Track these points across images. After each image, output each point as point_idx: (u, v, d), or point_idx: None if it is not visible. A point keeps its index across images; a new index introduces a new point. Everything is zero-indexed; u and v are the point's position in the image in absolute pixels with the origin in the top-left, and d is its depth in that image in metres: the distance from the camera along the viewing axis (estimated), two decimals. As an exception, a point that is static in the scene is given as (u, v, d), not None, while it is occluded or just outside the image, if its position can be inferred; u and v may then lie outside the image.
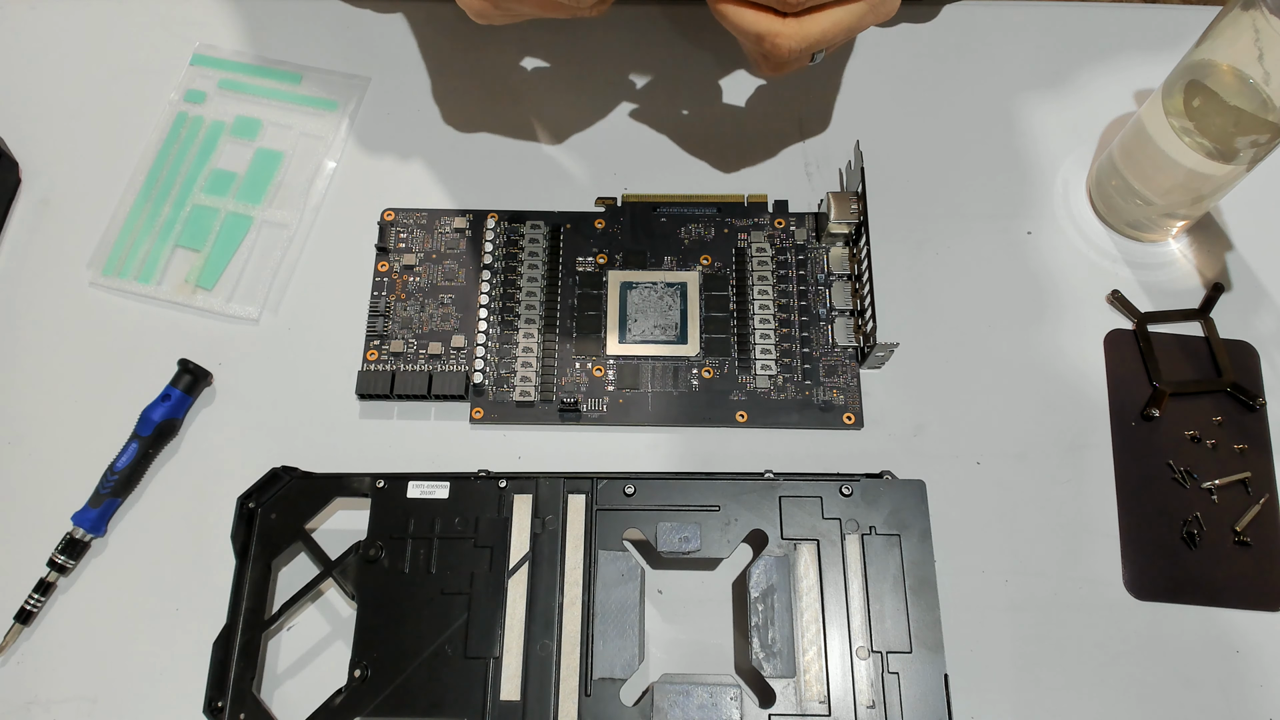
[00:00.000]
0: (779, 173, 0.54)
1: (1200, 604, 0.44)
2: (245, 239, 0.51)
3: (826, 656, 0.41)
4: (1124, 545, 0.45)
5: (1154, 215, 0.50)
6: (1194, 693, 0.43)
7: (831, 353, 0.49)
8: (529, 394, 0.48)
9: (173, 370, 0.47)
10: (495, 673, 0.41)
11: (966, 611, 0.44)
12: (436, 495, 0.44)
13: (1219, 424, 0.47)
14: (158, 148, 0.53)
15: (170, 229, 0.51)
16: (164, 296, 0.50)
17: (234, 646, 0.42)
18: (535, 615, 0.42)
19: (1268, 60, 0.40)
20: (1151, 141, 0.47)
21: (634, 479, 0.44)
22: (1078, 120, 0.55)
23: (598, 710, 0.40)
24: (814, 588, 0.42)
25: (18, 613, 0.43)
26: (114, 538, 0.46)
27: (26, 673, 0.43)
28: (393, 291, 0.50)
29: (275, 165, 0.53)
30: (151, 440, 0.46)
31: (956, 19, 0.57)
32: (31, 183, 0.53)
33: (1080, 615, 0.44)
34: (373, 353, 0.49)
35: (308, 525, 0.44)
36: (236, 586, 0.43)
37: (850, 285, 0.50)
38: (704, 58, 0.56)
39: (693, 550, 0.43)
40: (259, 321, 0.50)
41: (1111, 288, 0.50)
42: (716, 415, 0.47)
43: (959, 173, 0.53)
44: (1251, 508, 0.46)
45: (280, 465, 0.45)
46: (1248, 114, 0.42)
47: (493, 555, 0.43)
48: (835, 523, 0.43)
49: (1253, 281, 0.51)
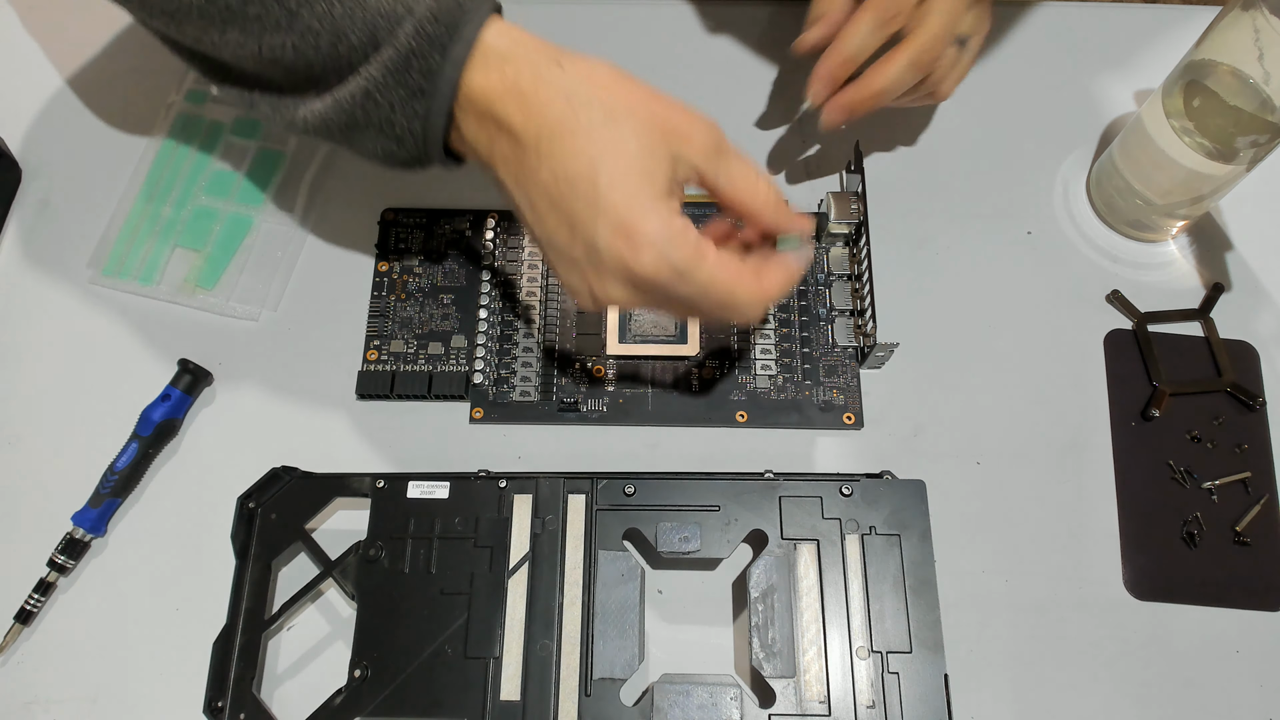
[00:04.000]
0: (779, 173, 0.53)
1: (1200, 604, 0.44)
2: (245, 239, 0.51)
3: (826, 656, 0.41)
4: (1124, 545, 0.45)
5: (1154, 215, 0.50)
6: (1194, 693, 0.43)
7: (831, 353, 0.49)
8: (529, 394, 0.48)
9: (173, 370, 0.47)
10: (495, 673, 0.41)
11: (966, 611, 0.44)
12: (436, 495, 0.44)
13: (1219, 424, 0.47)
14: (158, 148, 0.53)
15: (171, 229, 0.51)
16: (164, 296, 0.50)
17: (234, 646, 0.42)
18: (535, 615, 0.42)
19: (1268, 60, 0.40)
20: (1151, 141, 0.47)
21: (634, 479, 0.44)
22: (1078, 120, 0.55)
23: (598, 710, 0.40)
24: (814, 588, 0.42)
25: (18, 613, 0.43)
26: (114, 538, 0.46)
27: (26, 673, 0.43)
28: (393, 291, 0.50)
29: (275, 165, 0.53)
30: (151, 440, 0.46)
31: (956, 19, 0.57)
32: (31, 183, 0.53)
33: (1080, 615, 0.44)
34: (373, 353, 0.49)
35: (308, 525, 0.44)
36: (236, 586, 0.43)
37: (850, 285, 0.50)
38: (704, 58, 0.56)
39: (693, 550, 0.43)
40: (259, 321, 0.50)
41: (1111, 288, 0.50)
42: (716, 415, 0.47)
43: (959, 173, 0.53)
44: (1251, 508, 0.46)
45: (280, 465, 0.45)
46: (1248, 114, 0.42)
47: (493, 555, 0.43)
48: (835, 523, 0.43)
49: (1253, 281, 0.51)
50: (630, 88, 0.36)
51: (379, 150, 0.39)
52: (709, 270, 0.36)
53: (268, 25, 0.36)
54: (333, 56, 0.37)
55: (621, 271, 0.35)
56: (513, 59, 0.36)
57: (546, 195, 0.36)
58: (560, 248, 0.37)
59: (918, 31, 0.45)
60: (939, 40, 0.45)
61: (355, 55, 0.36)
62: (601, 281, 0.36)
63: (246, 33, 0.37)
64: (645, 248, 0.35)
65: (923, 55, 0.45)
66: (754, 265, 0.38)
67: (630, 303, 0.37)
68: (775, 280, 0.38)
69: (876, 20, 0.45)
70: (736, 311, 0.37)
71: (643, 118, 0.36)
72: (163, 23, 0.38)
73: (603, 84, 0.36)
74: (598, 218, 0.35)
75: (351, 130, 0.38)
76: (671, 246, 0.35)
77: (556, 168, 0.35)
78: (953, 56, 0.47)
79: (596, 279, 0.36)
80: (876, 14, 0.45)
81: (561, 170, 0.35)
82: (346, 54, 0.36)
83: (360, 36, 0.36)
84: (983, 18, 0.48)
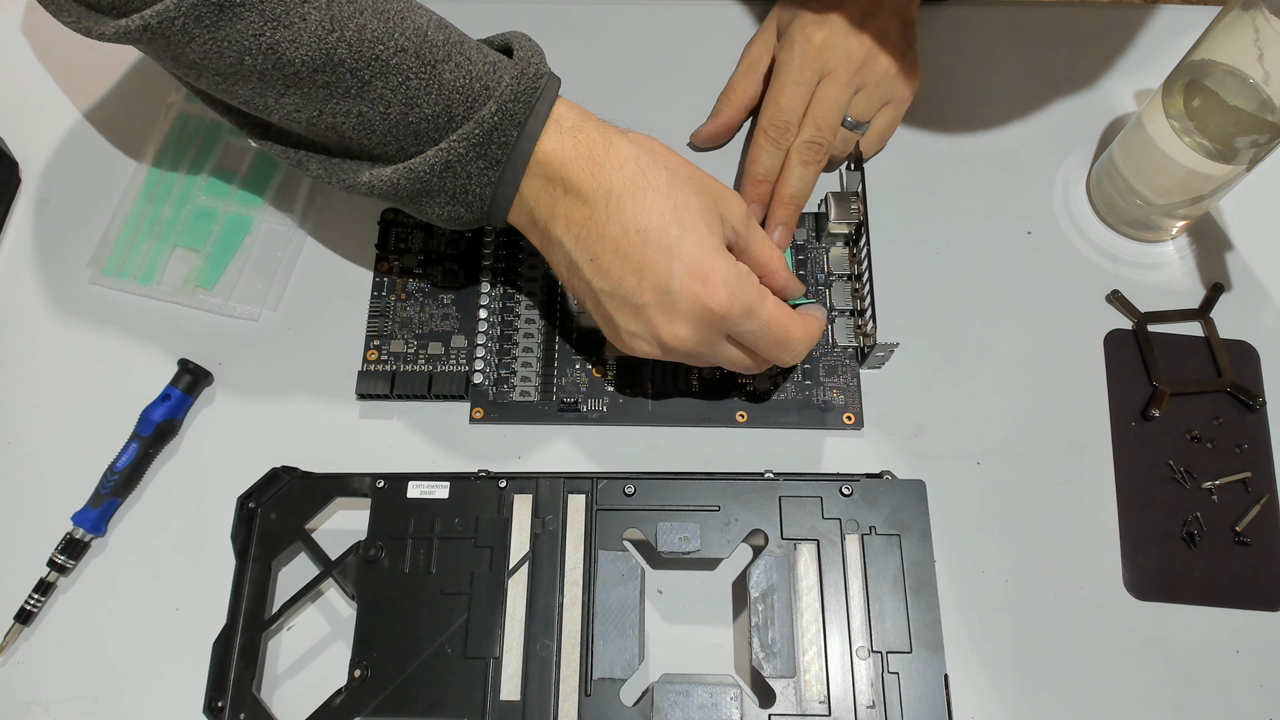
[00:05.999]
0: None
1: (1200, 604, 0.44)
2: (245, 239, 0.51)
3: (826, 656, 0.41)
4: (1124, 545, 0.45)
5: (1154, 215, 0.50)
6: (1194, 693, 0.43)
7: (831, 353, 0.49)
8: (529, 394, 0.48)
9: (173, 370, 0.47)
10: (495, 673, 0.41)
11: (966, 611, 0.44)
12: (436, 495, 0.44)
13: (1219, 424, 0.47)
14: (158, 148, 0.53)
15: (170, 229, 0.51)
16: (164, 297, 0.50)
17: (234, 646, 0.42)
18: (535, 615, 0.42)
19: (1268, 60, 0.40)
20: (1151, 141, 0.47)
21: (634, 479, 0.44)
22: (1078, 120, 0.55)
23: (598, 710, 0.40)
24: (814, 588, 0.42)
25: (18, 613, 0.43)
26: (114, 538, 0.46)
27: (26, 673, 0.43)
28: (393, 291, 0.50)
29: (275, 165, 0.53)
30: (151, 440, 0.46)
31: (957, 19, 0.57)
32: (31, 183, 0.53)
33: (1080, 615, 0.44)
34: (373, 353, 0.49)
35: (308, 525, 0.44)
36: (236, 586, 0.43)
37: (850, 285, 0.50)
38: (704, 58, 0.56)
39: (693, 550, 0.43)
40: (259, 321, 0.50)
41: (1111, 288, 0.50)
42: (716, 415, 0.47)
43: (959, 173, 0.53)
44: (1252, 508, 0.46)
45: (280, 465, 0.45)
46: (1248, 114, 0.42)
47: (493, 555, 0.43)
48: (835, 523, 0.43)
49: (1253, 281, 0.51)
50: (680, 158, 0.41)
51: (445, 214, 0.41)
52: (770, 309, 0.40)
53: (336, 93, 0.37)
54: (401, 125, 0.38)
55: (695, 310, 0.39)
56: (584, 129, 0.40)
57: (614, 248, 0.39)
58: (625, 295, 0.40)
59: (798, 136, 0.49)
60: (818, 143, 0.49)
61: (428, 126, 0.38)
62: (670, 322, 0.39)
63: (308, 98, 0.38)
64: (719, 285, 0.38)
65: (809, 155, 0.49)
66: (797, 313, 0.42)
67: (688, 342, 0.40)
68: (815, 325, 0.43)
69: (768, 140, 0.49)
70: (788, 348, 0.41)
71: (697, 183, 0.40)
72: (214, 83, 0.39)
73: (660, 152, 0.41)
74: (673, 262, 0.38)
75: (422, 196, 0.40)
76: (740, 286, 0.39)
77: (628, 221, 0.39)
78: (848, 138, 0.51)
79: (665, 320, 0.39)
80: (767, 136, 0.49)
81: (633, 223, 0.39)
82: (418, 124, 0.38)
83: (434, 109, 0.38)
84: (877, 96, 0.51)
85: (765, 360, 0.43)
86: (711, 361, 0.42)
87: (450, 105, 0.38)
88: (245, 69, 0.36)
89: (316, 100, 0.38)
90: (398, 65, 0.37)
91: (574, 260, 0.40)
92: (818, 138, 0.49)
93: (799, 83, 0.49)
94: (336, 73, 0.37)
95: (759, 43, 0.54)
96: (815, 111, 0.49)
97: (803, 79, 0.49)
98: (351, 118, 0.38)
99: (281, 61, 0.36)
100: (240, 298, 0.50)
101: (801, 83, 0.49)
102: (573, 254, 0.40)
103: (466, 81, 0.38)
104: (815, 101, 0.49)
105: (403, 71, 0.37)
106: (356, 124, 0.38)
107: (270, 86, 0.37)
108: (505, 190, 0.40)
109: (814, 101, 0.49)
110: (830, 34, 0.49)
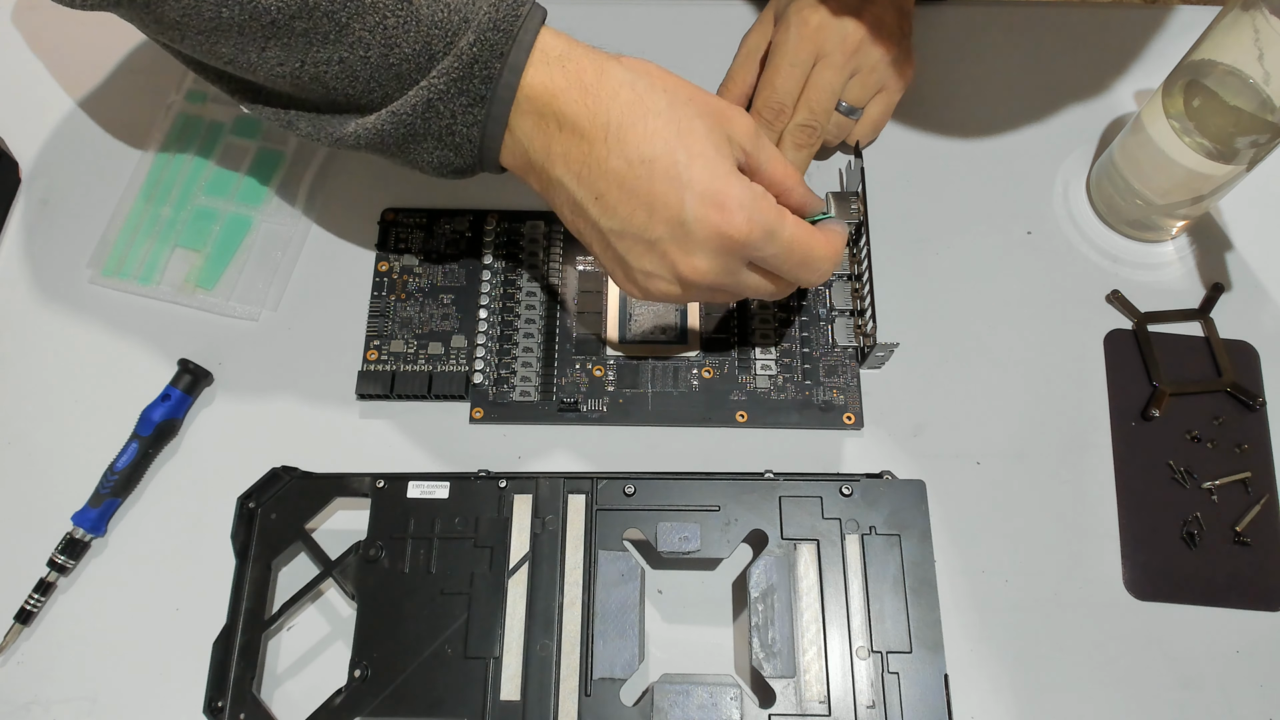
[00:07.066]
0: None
1: (1200, 604, 0.44)
2: (245, 239, 0.51)
3: (826, 656, 0.41)
4: (1124, 545, 0.45)
5: (1154, 215, 0.50)
6: (1194, 693, 0.43)
7: (831, 353, 0.49)
8: (529, 394, 0.48)
9: (173, 370, 0.47)
10: (495, 673, 0.41)
11: (966, 612, 0.44)
12: (436, 495, 0.44)
13: (1219, 424, 0.47)
14: (158, 148, 0.53)
15: (170, 229, 0.51)
16: (164, 297, 0.50)
17: (234, 646, 0.42)
18: (535, 615, 0.42)
19: (1268, 60, 0.40)
20: (1151, 141, 0.47)
21: (634, 479, 0.44)
22: (1078, 120, 0.55)
23: (598, 710, 0.40)
24: (814, 588, 0.42)
25: (18, 613, 0.43)
26: (114, 538, 0.46)
27: (26, 673, 0.43)
28: (393, 291, 0.50)
29: (276, 165, 0.53)
30: (151, 440, 0.46)
31: (957, 19, 0.57)
32: (31, 183, 0.53)
33: (1080, 615, 0.44)
34: (373, 353, 0.49)
35: (308, 525, 0.44)
36: (236, 586, 0.43)
37: (850, 285, 0.50)
38: (704, 58, 0.56)
39: (693, 550, 0.43)
40: (259, 321, 0.50)
41: (1111, 288, 0.50)
42: (716, 415, 0.47)
43: (959, 173, 0.53)
44: (1252, 508, 0.46)
45: (280, 465, 0.45)
46: (1248, 114, 0.42)
47: (493, 555, 0.43)
48: (835, 523, 0.43)
49: (1253, 281, 0.51)
50: (679, 79, 0.38)
51: (434, 160, 0.40)
52: (791, 229, 0.38)
53: (315, 40, 0.36)
54: (382, 68, 0.37)
55: (714, 239, 0.37)
56: (572, 57, 0.37)
57: (619, 182, 0.37)
58: (636, 232, 0.38)
59: (792, 119, 0.49)
60: (812, 126, 0.49)
61: (408, 66, 0.37)
62: (689, 255, 0.38)
63: (289, 49, 0.37)
64: (736, 210, 0.36)
65: (802, 138, 0.49)
66: (819, 228, 0.40)
67: (709, 274, 0.38)
68: (838, 240, 0.41)
69: (763, 122, 0.49)
70: (814, 268, 0.40)
71: (700, 103, 0.38)
72: (197, 43, 0.38)
73: (657, 75, 0.38)
74: (684, 191, 0.36)
75: (409, 141, 0.39)
76: (758, 209, 0.37)
77: (630, 153, 0.36)
78: (842, 123, 0.51)
79: (682, 254, 0.37)
80: (761, 117, 0.49)
81: (636, 154, 0.36)
82: (398, 65, 0.37)
83: (414, 47, 0.37)
84: (871, 83, 0.51)
85: (790, 284, 0.41)
86: (734, 294, 0.40)
87: (430, 41, 0.36)
88: (224, 22, 0.36)
89: (298, 50, 0.37)
90: (374, 4, 0.36)
91: (577, 201, 0.38)
92: (811, 120, 0.49)
93: (794, 64, 0.49)
94: (313, 17, 0.36)
95: (756, 32, 0.54)
96: (810, 95, 0.49)
97: (798, 61, 0.49)
98: (333, 65, 0.37)
99: (258, 10, 0.35)
100: (240, 298, 0.50)
101: (797, 64, 0.49)
102: (575, 194, 0.38)
103: (444, 15, 0.36)
104: (810, 85, 0.49)
105: (380, 10, 0.36)
106: (339, 72, 0.37)
107: (251, 40, 0.37)
108: (494, 129, 0.38)
109: (808, 85, 0.49)
110: (826, 17, 0.49)
